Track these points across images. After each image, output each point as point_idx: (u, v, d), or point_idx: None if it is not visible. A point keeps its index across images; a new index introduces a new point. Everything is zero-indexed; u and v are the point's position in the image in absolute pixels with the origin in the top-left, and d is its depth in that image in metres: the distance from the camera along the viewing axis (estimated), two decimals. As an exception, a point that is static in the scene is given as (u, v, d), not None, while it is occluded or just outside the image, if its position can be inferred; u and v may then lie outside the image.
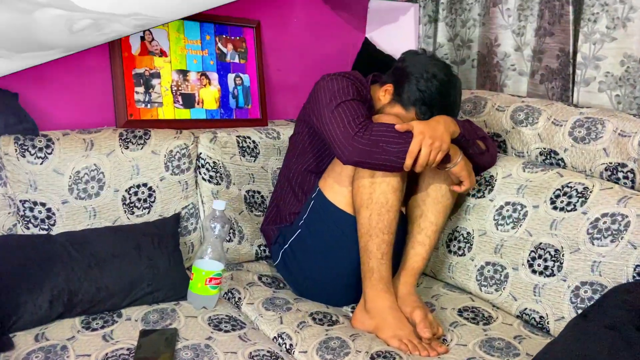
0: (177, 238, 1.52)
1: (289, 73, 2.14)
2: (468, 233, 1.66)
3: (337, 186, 1.53)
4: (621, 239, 1.36)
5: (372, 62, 2.15)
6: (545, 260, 1.48)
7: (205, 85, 1.86)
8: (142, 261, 1.38)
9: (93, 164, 1.50)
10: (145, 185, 1.56)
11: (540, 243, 1.50)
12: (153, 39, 1.76)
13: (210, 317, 1.39)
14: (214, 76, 1.89)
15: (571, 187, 1.49)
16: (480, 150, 1.56)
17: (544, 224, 1.50)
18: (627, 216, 1.37)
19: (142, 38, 1.74)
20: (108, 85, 1.68)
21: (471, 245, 1.64)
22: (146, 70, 1.74)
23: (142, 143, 1.57)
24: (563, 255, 1.45)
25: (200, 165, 1.67)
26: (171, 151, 1.61)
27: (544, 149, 1.61)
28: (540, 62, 1.80)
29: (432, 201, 1.59)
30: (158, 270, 1.40)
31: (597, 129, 1.51)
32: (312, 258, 1.57)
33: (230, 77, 1.93)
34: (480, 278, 1.60)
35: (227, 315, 1.41)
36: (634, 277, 1.33)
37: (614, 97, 1.65)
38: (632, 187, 1.45)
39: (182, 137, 1.65)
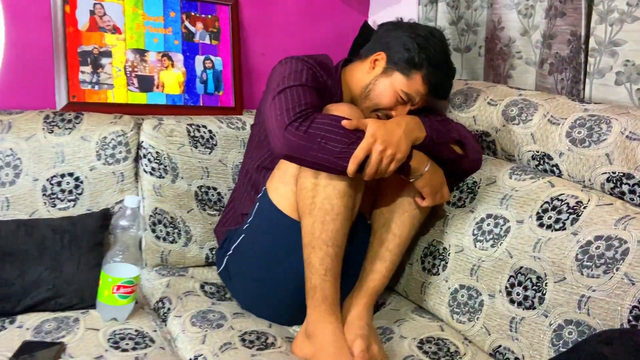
0: (97, 237, 1.34)
1: (275, 59, 1.89)
2: (444, 249, 1.39)
3: (282, 186, 1.31)
4: (616, 270, 1.07)
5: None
6: (526, 288, 1.20)
7: (167, 67, 1.68)
8: (43, 261, 1.22)
9: (9, 148, 1.35)
10: (71, 175, 1.40)
11: (521, 267, 1.22)
12: (105, 14, 1.60)
13: (115, 331, 1.21)
14: (178, 57, 1.70)
15: (562, 201, 1.20)
16: (455, 155, 1.29)
17: (527, 243, 1.22)
18: (625, 241, 1.07)
19: (92, 12, 1.58)
20: (50, 63, 1.53)
21: (446, 263, 1.38)
22: (95, 47, 1.58)
23: (70, 127, 1.41)
24: (546, 285, 1.17)
25: (142, 155, 1.49)
26: (105, 138, 1.44)
27: (537, 152, 1.32)
28: (550, 49, 1.50)
29: (397, 210, 1.34)
30: (62, 273, 1.23)
31: (601, 129, 1.21)
32: (255, 268, 1.36)
33: (199, 59, 1.74)
34: (453, 304, 1.34)
35: (137, 330, 1.22)
36: (629, 320, 1.04)
37: (634, 92, 1.33)
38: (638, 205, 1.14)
39: (120, 122, 1.47)
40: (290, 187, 1.28)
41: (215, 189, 1.58)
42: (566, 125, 1.27)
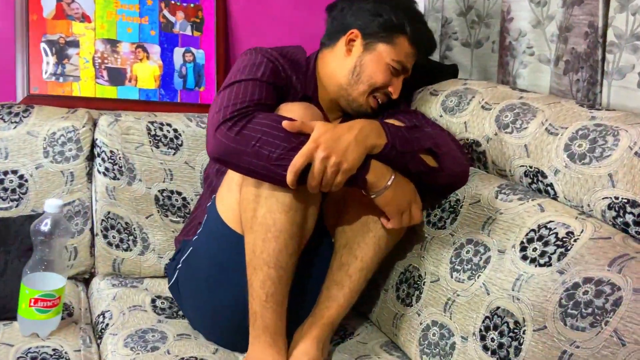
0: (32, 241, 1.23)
1: (270, 52, 1.76)
2: (420, 276, 1.19)
3: (228, 195, 1.15)
4: (605, 324, 0.83)
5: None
6: (502, 334, 0.98)
7: (141, 60, 1.56)
8: (-39, 266, 1.12)
9: (-53, 142, 1.26)
10: (15, 172, 1.30)
11: (498, 308, 1.00)
12: (73, 1, 1.49)
13: (30, 348, 1.08)
14: (155, 49, 1.58)
15: (550, 230, 0.97)
16: (426, 168, 1.08)
17: (506, 279, 1.00)
18: (619, 288, 0.84)
19: (59, -1, 1.48)
20: (11, 53, 1.44)
21: (421, 293, 1.17)
22: (61, 37, 1.48)
23: (16, 121, 1.31)
24: (524, 332, 0.94)
25: (96, 153, 1.37)
26: (54, 134, 1.33)
27: (530, 167, 1.09)
28: (566, 44, 1.26)
29: (361, 229, 1.15)
30: (-19, 280, 1.12)
31: (606, 142, 0.97)
32: (202, 285, 1.21)
33: (178, 51, 1.60)
34: (423, 342, 1.13)
35: (55, 349, 1.10)
36: (616, 390, 0.80)
37: (661, 97, 1.08)
38: (647, 241, 0.90)
39: (72, 117, 1.36)
40: (235, 196, 1.12)
41: (179, 193, 1.44)
42: (565, 137, 1.03)
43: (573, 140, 1.02)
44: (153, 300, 1.32)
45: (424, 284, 1.17)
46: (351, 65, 1.23)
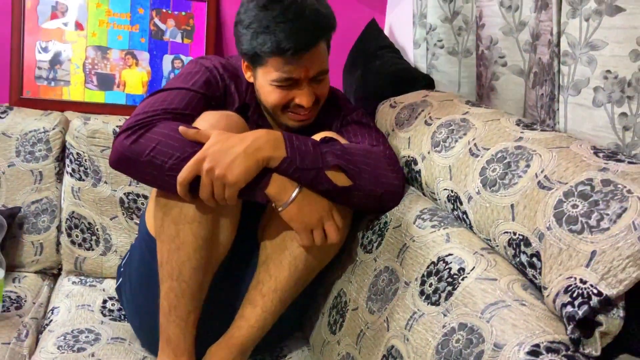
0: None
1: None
2: (345, 302, 1.10)
3: (150, 202, 1.14)
4: (466, 379, 0.71)
5: (368, 52, 1.62)
6: (392, 377, 0.88)
7: (130, 66, 1.60)
8: None
9: None
10: (-12, 170, 1.38)
11: (392, 347, 0.90)
12: (67, 10, 1.56)
13: (-41, 339, 1.14)
14: (144, 56, 1.61)
15: (447, 264, 0.85)
16: (332, 186, 0.98)
17: (403, 315, 0.90)
18: (483, 340, 0.71)
19: (54, 8, 1.55)
20: (6, 57, 1.54)
21: (344, 321, 1.09)
22: (54, 43, 1.55)
23: (-6, 122, 1.39)
24: (407, 378, 0.84)
25: (66, 155, 1.42)
26: (26, 134, 1.40)
27: (452, 192, 0.96)
28: (535, 53, 1.11)
29: (279, 246, 1.09)
30: None
31: (517, 168, 0.83)
32: (134, 289, 1.22)
33: (167, 58, 1.63)
34: (337, 375, 1.04)
35: (-17, 342, 1.15)
36: None
37: (617, 117, 0.91)
38: (540, 288, 0.75)
39: (45, 119, 1.42)
40: (153, 202, 1.11)
41: (145, 197, 1.46)
42: (484, 159, 0.90)
43: (490, 163, 0.89)
44: (104, 301, 1.34)
45: (347, 312, 1.08)
46: (260, 93, 1.14)
